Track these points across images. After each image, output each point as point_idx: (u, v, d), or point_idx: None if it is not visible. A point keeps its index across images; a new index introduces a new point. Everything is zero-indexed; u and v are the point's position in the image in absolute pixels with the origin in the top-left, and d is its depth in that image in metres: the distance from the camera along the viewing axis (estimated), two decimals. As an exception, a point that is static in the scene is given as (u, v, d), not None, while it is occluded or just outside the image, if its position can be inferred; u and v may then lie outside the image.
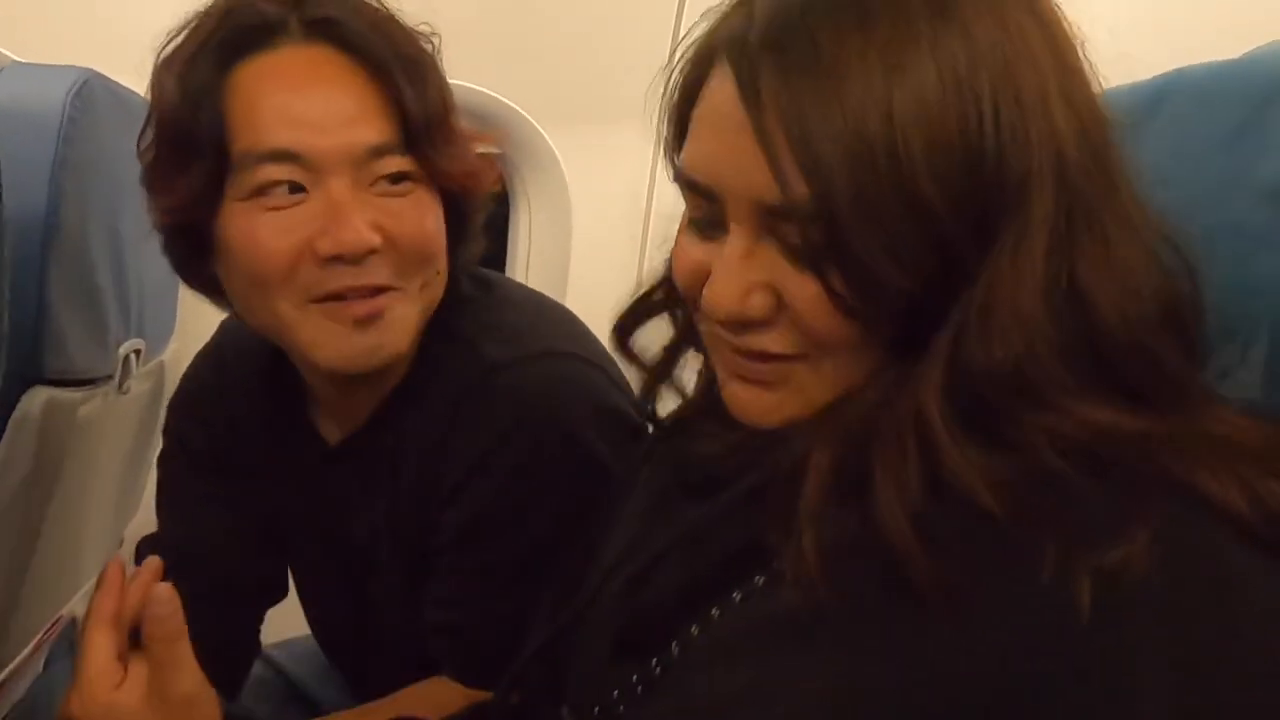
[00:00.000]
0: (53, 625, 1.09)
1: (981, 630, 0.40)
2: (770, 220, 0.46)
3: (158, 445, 1.29)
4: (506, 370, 0.74)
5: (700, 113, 0.49)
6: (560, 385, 0.75)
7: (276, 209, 0.68)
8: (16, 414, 0.76)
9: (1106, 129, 0.46)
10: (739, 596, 0.50)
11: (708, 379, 0.64)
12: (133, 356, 1.00)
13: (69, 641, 1.22)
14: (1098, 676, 0.38)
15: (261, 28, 0.70)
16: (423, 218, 0.72)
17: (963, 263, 0.44)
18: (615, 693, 0.54)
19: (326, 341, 0.71)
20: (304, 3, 0.71)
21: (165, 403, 1.24)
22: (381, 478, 0.79)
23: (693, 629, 0.52)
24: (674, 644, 0.52)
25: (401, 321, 0.72)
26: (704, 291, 0.49)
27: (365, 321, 0.70)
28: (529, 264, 1.56)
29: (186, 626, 0.59)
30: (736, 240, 0.47)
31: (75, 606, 1.18)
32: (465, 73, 0.80)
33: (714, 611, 0.51)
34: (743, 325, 0.48)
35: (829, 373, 0.48)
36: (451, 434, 0.74)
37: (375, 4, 0.74)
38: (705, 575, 0.52)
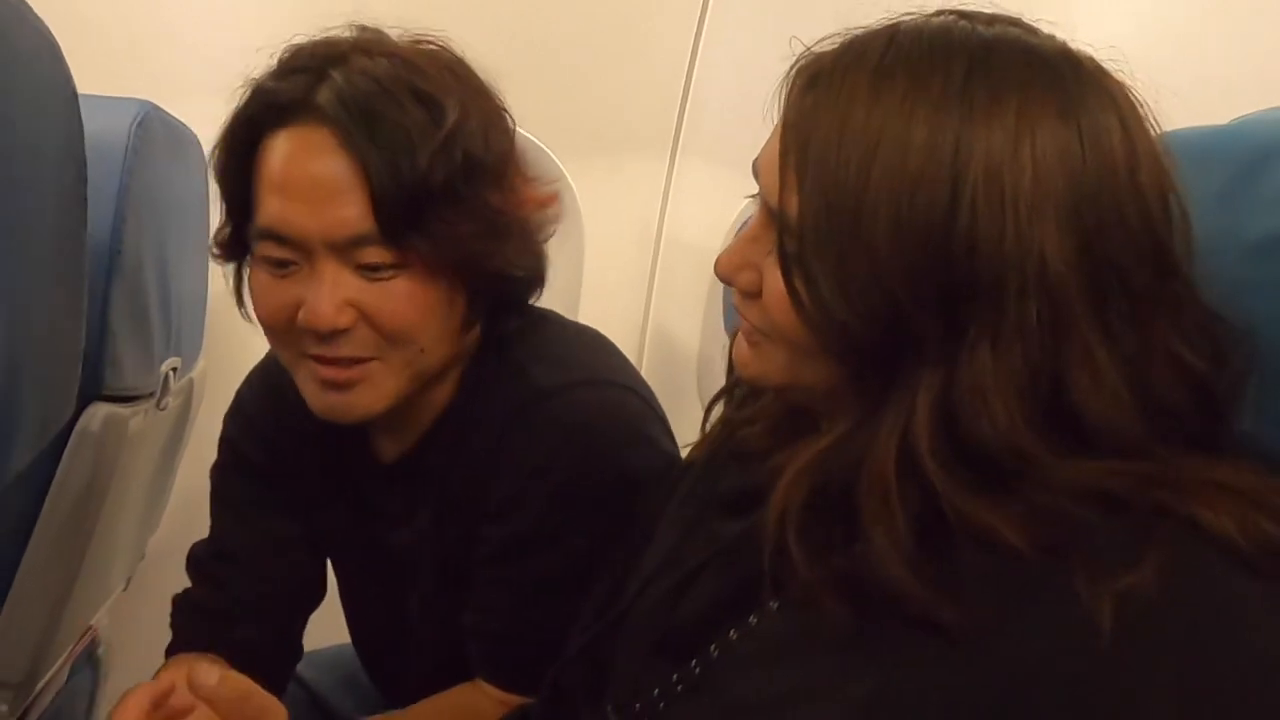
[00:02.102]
0: (82, 636, 1.12)
1: (1010, 652, 0.44)
2: (772, 218, 0.53)
3: (180, 460, 1.33)
4: (555, 395, 0.78)
5: None
6: (606, 411, 0.79)
7: (276, 276, 0.74)
8: (78, 429, 0.80)
9: (1124, 251, 0.47)
10: (775, 605, 0.55)
11: (738, 408, 0.69)
12: (171, 374, 1.03)
13: (89, 654, 1.25)
14: (1115, 695, 0.41)
15: (282, 107, 0.73)
16: (401, 303, 0.73)
17: (922, 329, 0.46)
18: (656, 691, 0.59)
19: (307, 392, 0.77)
20: (323, 81, 0.72)
21: (192, 419, 1.28)
22: (428, 493, 0.83)
23: (731, 633, 0.56)
24: (712, 647, 0.57)
25: (376, 389, 0.75)
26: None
27: (335, 385, 0.75)
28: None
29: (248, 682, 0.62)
30: (754, 224, 0.55)
31: (101, 618, 1.21)
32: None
33: (751, 619, 0.56)
34: (734, 289, 0.56)
35: (784, 359, 0.54)
36: (500, 453, 0.78)
37: (408, 73, 0.73)
38: (742, 585, 0.57)
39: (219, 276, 1.32)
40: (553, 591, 0.78)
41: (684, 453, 0.74)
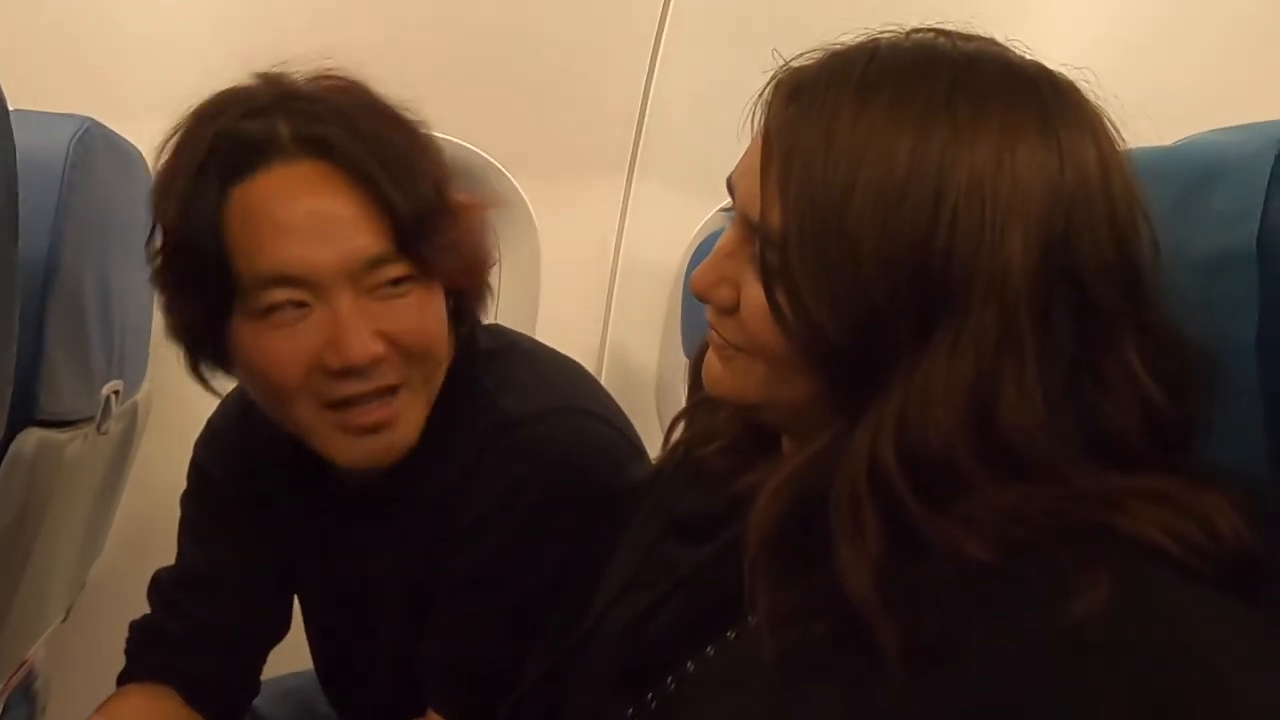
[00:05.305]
0: (17, 670, 1.08)
1: (971, 672, 0.43)
2: (751, 231, 0.52)
3: (125, 486, 1.29)
4: (525, 424, 0.77)
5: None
6: (576, 440, 0.77)
7: (284, 326, 0.71)
8: (10, 454, 0.77)
9: (1083, 280, 0.47)
10: (733, 635, 0.54)
11: (695, 432, 0.68)
12: (112, 397, 1.00)
13: (24, 688, 1.20)
14: (1075, 711, 0.41)
15: (252, 148, 0.70)
16: (423, 316, 0.74)
17: (897, 337, 0.47)
18: None
19: (340, 447, 0.75)
20: (291, 117, 0.71)
21: (137, 444, 1.25)
22: (397, 524, 0.81)
23: (688, 665, 0.55)
24: (669, 679, 0.56)
25: (409, 420, 0.75)
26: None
27: (375, 428, 0.74)
28: (498, 309, 1.59)
29: None
30: (728, 238, 0.55)
31: (38, 651, 1.16)
32: (440, 124, 0.82)
33: (709, 649, 0.55)
34: (709, 305, 0.56)
35: (761, 374, 0.53)
36: (468, 482, 0.76)
37: (362, 97, 0.74)
38: (700, 616, 0.56)
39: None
40: (515, 622, 0.76)
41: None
